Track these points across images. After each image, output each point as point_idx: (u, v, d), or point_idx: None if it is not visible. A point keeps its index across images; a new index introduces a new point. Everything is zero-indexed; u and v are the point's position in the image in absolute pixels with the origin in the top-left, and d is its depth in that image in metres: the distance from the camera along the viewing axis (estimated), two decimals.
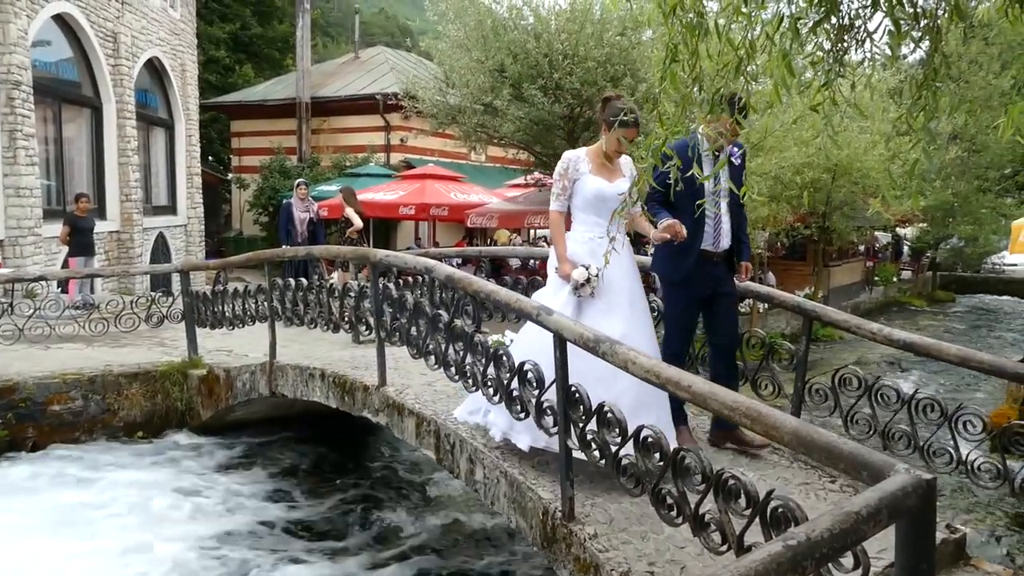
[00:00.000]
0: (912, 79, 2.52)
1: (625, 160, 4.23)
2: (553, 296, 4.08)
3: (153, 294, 9.68)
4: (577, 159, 4.13)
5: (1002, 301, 24.59)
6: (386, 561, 5.57)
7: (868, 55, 2.28)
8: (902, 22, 2.18)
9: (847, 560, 2.26)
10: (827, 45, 2.23)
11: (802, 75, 2.58)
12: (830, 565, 2.13)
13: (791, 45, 2.10)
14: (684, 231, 3.98)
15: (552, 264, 4.24)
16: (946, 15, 2.16)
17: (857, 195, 16.10)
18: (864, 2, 2.19)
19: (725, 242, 4.31)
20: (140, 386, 7.47)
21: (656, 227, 4.05)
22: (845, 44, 2.25)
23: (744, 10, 2.10)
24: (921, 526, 2.05)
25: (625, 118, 3.91)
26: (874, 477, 2.12)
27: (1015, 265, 26.34)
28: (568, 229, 4.25)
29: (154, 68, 15.45)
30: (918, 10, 2.19)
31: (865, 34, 2.24)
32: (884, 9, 2.12)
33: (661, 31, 2.61)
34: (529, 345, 3.92)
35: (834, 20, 2.18)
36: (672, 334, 4.41)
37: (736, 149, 4.29)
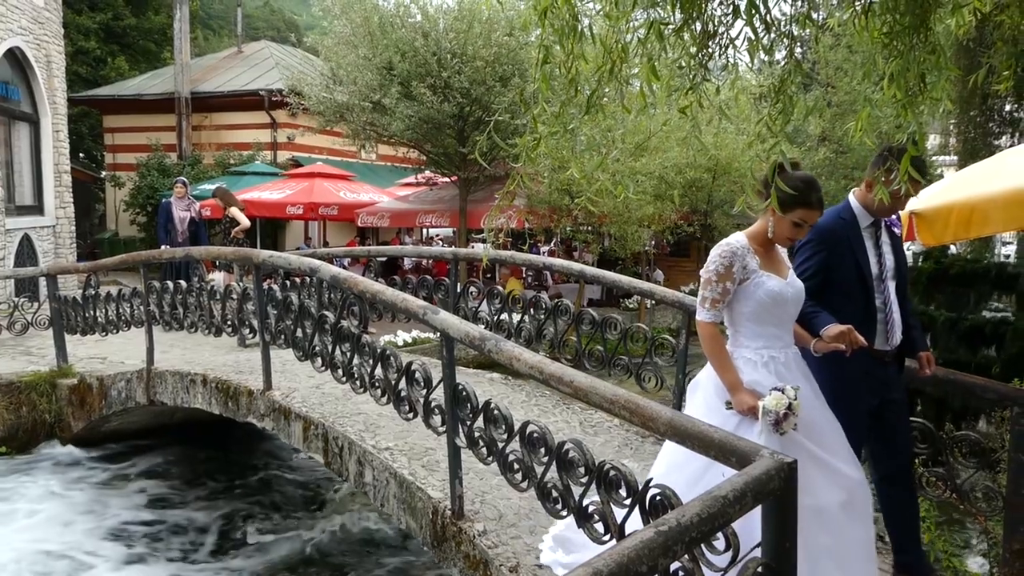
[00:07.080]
0: (772, 84, 2.66)
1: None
2: None
3: (16, 300, 9.04)
4: (744, 251, 2.96)
5: None
6: (272, 570, 5.43)
7: (731, 61, 2.40)
8: (759, 29, 2.31)
9: (720, 543, 2.37)
10: (693, 50, 2.35)
11: (674, 79, 2.68)
12: (703, 547, 2.22)
13: (657, 49, 2.19)
14: (861, 338, 3.02)
15: (710, 394, 3.07)
16: (797, 24, 2.31)
17: (736, 194, 16.87)
18: (726, 9, 2.31)
19: (897, 336, 3.34)
20: (2, 398, 7.00)
21: (813, 332, 3.11)
22: (709, 50, 2.37)
23: (614, 13, 2.17)
24: (783, 506, 2.18)
25: (809, 197, 2.87)
26: (741, 462, 2.24)
27: None
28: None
29: (15, 58, 14.41)
30: (771, 19, 2.33)
31: (728, 40, 2.36)
32: (744, 17, 2.25)
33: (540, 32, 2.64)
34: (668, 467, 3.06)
35: (698, 27, 2.28)
36: None
37: (895, 216, 3.45)
